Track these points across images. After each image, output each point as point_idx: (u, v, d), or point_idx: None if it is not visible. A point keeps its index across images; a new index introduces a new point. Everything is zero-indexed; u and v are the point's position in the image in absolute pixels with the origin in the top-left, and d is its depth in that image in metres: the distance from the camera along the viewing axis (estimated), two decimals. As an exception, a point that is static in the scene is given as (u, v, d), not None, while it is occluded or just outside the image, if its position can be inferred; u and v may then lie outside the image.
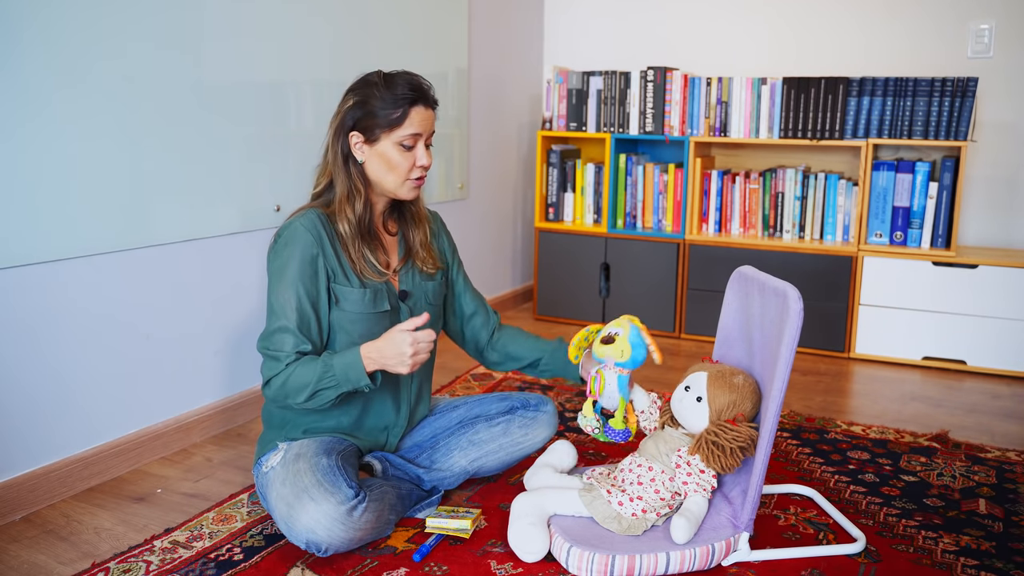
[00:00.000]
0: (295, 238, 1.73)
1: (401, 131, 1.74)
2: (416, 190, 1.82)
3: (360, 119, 1.75)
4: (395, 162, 1.75)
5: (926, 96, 3.02)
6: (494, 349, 2.02)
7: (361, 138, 1.76)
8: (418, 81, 1.77)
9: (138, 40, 2.03)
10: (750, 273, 1.83)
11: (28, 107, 1.81)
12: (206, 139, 2.24)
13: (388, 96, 1.73)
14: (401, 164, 1.76)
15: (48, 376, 1.93)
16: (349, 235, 1.76)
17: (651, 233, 3.45)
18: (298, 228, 1.73)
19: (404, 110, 1.73)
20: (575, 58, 3.91)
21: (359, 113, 1.75)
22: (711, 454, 1.68)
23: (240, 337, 2.42)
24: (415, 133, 1.75)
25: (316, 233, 1.73)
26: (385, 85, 1.74)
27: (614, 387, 1.69)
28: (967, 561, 1.68)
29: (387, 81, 1.75)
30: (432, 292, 1.91)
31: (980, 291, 2.95)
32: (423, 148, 1.78)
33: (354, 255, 1.76)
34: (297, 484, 1.60)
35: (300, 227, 1.73)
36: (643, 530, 1.66)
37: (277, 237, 1.77)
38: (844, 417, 2.53)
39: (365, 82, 1.77)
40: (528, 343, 2.00)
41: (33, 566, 1.66)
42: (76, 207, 1.93)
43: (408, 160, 1.76)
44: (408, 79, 1.76)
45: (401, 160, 1.76)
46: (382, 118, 1.73)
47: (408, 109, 1.73)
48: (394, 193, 1.80)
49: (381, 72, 1.78)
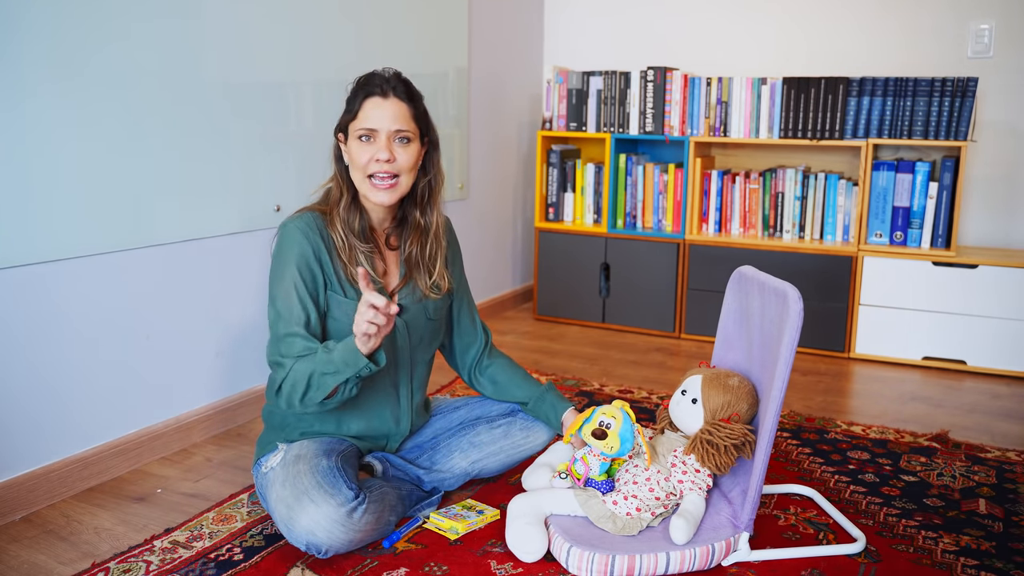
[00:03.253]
0: (291, 240, 1.72)
1: (356, 123, 1.73)
2: (380, 191, 1.73)
3: (341, 118, 1.78)
4: (355, 155, 1.73)
5: (926, 96, 3.02)
6: (482, 375, 2.00)
7: (343, 138, 1.78)
8: (379, 73, 1.75)
9: (139, 40, 2.03)
10: (750, 273, 1.83)
11: (27, 107, 1.81)
12: (206, 139, 2.24)
13: (353, 91, 1.76)
14: (359, 158, 1.72)
15: (48, 376, 1.93)
16: (340, 236, 1.74)
17: (651, 233, 3.45)
18: (292, 230, 1.72)
19: (360, 101, 1.73)
20: (575, 58, 3.91)
21: (343, 114, 1.77)
22: (706, 453, 1.69)
23: (240, 337, 2.42)
24: (371, 127, 1.71)
25: (310, 235, 1.72)
26: (356, 82, 1.77)
27: (597, 471, 1.73)
28: (967, 561, 1.68)
29: (360, 78, 1.77)
30: (432, 307, 1.87)
31: (980, 291, 2.95)
32: (385, 142, 1.71)
33: (345, 258, 1.73)
34: (297, 486, 1.60)
35: (295, 228, 1.72)
36: (638, 530, 1.66)
37: (274, 240, 1.77)
38: (844, 417, 2.53)
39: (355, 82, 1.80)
40: (516, 381, 1.98)
41: (33, 566, 1.66)
42: (76, 207, 1.93)
43: (366, 154, 1.71)
44: (372, 73, 1.76)
45: (359, 154, 1.72)
46: (346, 112, 1.76)
47: (362, 101, 1.73)
48: (363, 194, 1.76)
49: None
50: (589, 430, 1.72)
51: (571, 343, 3.35)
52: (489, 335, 2.04)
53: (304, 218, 1.74)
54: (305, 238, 1.71)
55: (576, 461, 1.74)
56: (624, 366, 3.04)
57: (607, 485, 1.72)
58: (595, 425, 1.71)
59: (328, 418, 1.79)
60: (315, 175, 2.60)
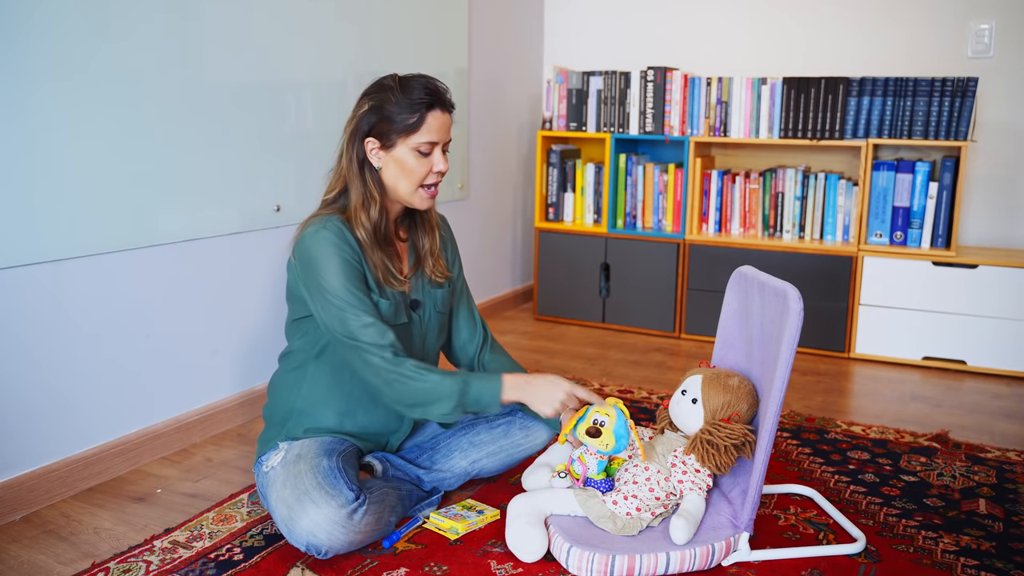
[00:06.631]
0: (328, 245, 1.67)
1: (417, 136, 1.70)
2: (430, 200, 1.78)
3: (376, 124, 1.71)
4: (411, 168, 1.72)
5: (926, 96, 3.02)
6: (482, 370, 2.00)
7: (377, 144, 1.72)
8: (435, 84, 1.73)
9: (139, 40, 2.03)
10: (750, 273, 1.83)
11: (28, 107, 1.81)
12: (206, 139, 2.24)
13: (404, 100, 1.69)
14: (417, 170, 1.72)
15: (48, 376, 1.93)
16: (367, 243, 1.72)
17: (651, 233, 3.45)
18: (327, 237, 1.67)
19: (420, 115, 1.69)
20: (575, 58, 3.91)
21: (374, 118, 1.71)
22: (706, 453, 1.69)
23: (240, 337, 2.42)
24: (431, 140, 1.71)
25: (344, 242, 1.69)
26: (401, 89, 1.70)
27: (595, 470, 1.73)
28: (967, 561, 1.68)
29: (403, 85, 1.71)
30: (440, 300, 1.89)
31: (980, 291, 2.95)
32: (440, 154, 1.74)
33: (375, 262, 1.73)
34: (298, 486, 1.60)
35: (328, 235, 1.67)
36: (638, 530, 1.66)
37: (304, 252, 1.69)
38: (844, 417, 2.52)
39: (380, 86, 1.73)
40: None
41: (33, 566, 1.66)
42: (77, 207, 1.93)
43: (424, 166, 1.72)
44: (424, 83, 1.72)
45: (417, 166, 1.72)
46: (398, 123, 1.69)
47: (425, 114, 1.69)
48: (408, 201, 1.76)
49: (397, 76, 1.74)
50: (583, 429, 1.72)
51: (571, 343, 3.35)
52: (488, 331, 2.04)
53: (330, 226, 1.69)
54: (345, 243, 1.69)
55: (574, 461, 1.75)
56: (624, 366, 3.04)
57: (607, 484, 1.72)
58: (589, 424, 1.72)
59: (332, 414, 1.79)
60: (315, 175, 2.61)
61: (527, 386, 1.71)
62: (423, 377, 1.66)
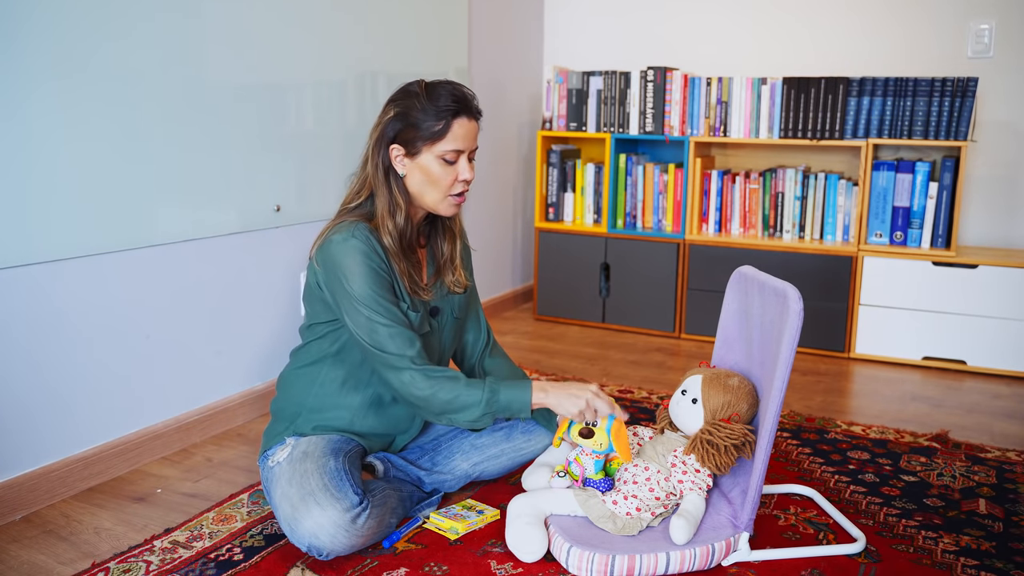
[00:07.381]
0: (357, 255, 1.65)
1: (443, 144, 1.69)
2: (457, 207, 1.77)
3: (401, 131, 1.70)
4: (437, 176, 1.70)
5: (926, 96, 3.02)
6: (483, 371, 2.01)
7: (402, 151, 1.71)
8: (462, 91, 1.71)
9: (139, 39, 2.03)
10: (750, 273, 1.83)
11: (27, 107, 1.81)
12: (207, 139, 2.24)
13: (430, 107, 1.68)
14: (443, 178, 1.71)
15: (48, 376, 1.93)
16: (393, 250, 1.71)
17: (651, 233, 3.45)
18: (357, 245, 1.66)
19: (447, 122, 1.68)
20: (575, 58, 3.91)
21: (400, 125, 1.70)
22: (706, 453, 1.70)
23: (240, 337, 2.42)
24: (457, 148, 1.69)
25: (374, 248, 1.68)
26: (427, 96, 1.69)
27: (592, 471, 1.74)
28: (967, 561, 1.68)
29: (429, 92, 1.69)
30: (458, 306, 1.90)
31: (980, 291, 2.95)
32: (466, 162, 1.72)
33: (401, 270, 1.73)
34: (304, 486, 1.60)
35: (356, 243, 1.66)
36: (638, 530, 1.66)
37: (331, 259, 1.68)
38: (844, 417, 2.53)
39: (406, 92, 1.72)
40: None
41: (33, 566, 1.66)
42: (76, 207, 1.93)
43: (450, 174, 1.71)
44: (451, 89, 1.70)
45: (443, 174, 1.70)
46: (424, 130, 1.68)
47: (451, 121, 1.68)
48: (434, 208, 1.75)
49: (423, 82, 1.72)
50: (576, 430, 1.73)
51: (571, 343, 3.35)
52: (491, 333, 2.05)
53: (359, 235, 1.68)
54: (373, 252, 1.68)
55: (571, 462, 1.75)
56: (624, 366, 3.04)
57: (606, 483, 1.72)
58: (581, 425, 1.72)
59: (344, 413, 1.79)
60: (315, 175, 2.61)
61: (554, 391, 1.71)
62: (451, 386, 1.67)
